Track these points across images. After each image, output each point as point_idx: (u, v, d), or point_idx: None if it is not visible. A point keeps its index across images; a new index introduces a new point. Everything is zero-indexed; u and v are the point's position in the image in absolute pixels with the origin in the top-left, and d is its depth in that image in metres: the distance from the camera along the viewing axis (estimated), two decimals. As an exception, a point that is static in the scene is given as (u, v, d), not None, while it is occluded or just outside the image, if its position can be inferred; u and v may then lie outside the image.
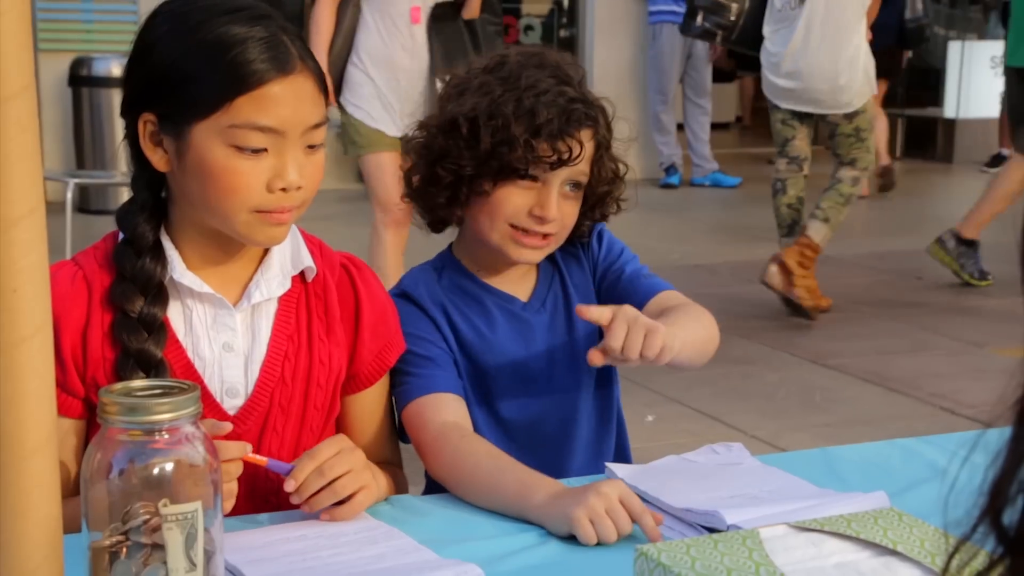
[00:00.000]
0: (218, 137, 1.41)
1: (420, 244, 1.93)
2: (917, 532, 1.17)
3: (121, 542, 1.06)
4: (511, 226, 1.65)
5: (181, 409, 1.06)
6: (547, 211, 1.63)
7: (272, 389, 1.52)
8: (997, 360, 4.69)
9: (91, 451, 1.07)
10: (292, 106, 1.42)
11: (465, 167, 1.64)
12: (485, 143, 1.62)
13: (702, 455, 1.65)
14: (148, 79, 1.44)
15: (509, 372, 1.72)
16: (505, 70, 1.66)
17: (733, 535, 1.14)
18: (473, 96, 1.65)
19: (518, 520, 1.44)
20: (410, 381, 1.64)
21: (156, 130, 1.44)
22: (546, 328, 1.74)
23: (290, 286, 1.54)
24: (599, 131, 1.67)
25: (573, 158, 1.62)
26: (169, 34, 1.43)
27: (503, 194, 1.64)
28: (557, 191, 1.64)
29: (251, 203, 1.43)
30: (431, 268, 1.77)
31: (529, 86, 1.62)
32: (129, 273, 1.46)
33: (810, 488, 1.51)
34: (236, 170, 1.41)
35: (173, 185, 1.49)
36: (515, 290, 1.76)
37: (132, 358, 1.43)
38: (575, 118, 1.62)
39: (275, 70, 1.41)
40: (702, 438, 1.82)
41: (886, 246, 6.87)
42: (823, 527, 1.17)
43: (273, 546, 1.33)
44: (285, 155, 1.43)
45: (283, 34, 1.43)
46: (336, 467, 1.39)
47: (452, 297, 1.73)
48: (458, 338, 1.71)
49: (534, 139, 1.60)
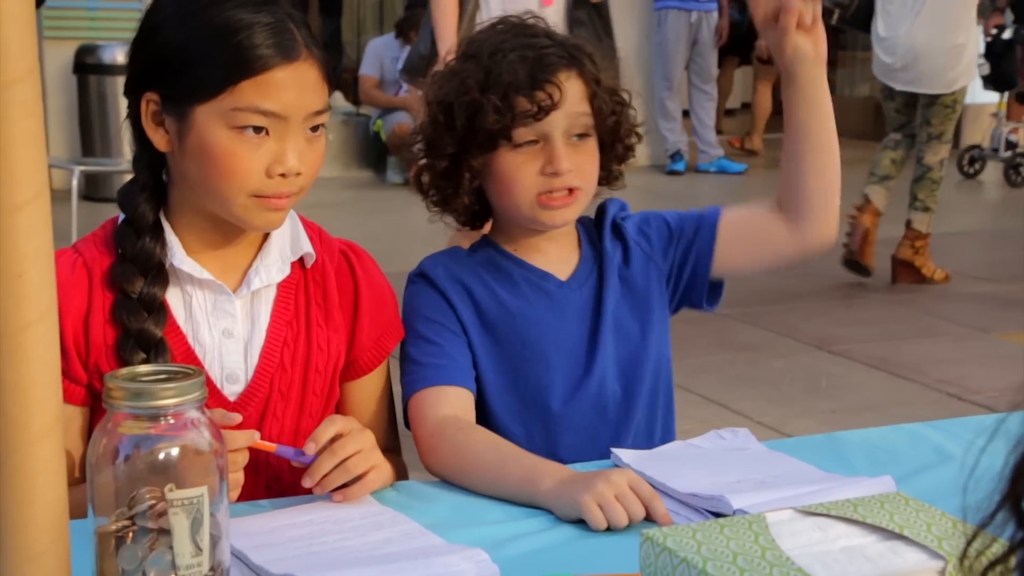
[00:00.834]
0: (220, 119, 1.41)
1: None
2: (924, 517, 1.17)
3: (127, 527, 1.06)
4: (536, 195, 1.63)
5: (186, 394, 1.06)
6: (558, 163, 1.61)
7: (272, 375, 1.52)
8: (1003, 346, 4.69)
9: (97, 436, 1.07)
10: (295, 92, 1.43)
11: (448, 148, 1.63)
12: (460, 119, 1.62)
13: (708, 440, 1.65)
14: (153, 59, 1.45)
15: (533, 346, 1.68)
16: (473, 47, 1.66)
17: (739, 519, 1.14)
18: (447, 82, 1.65)
19: (525, 505, 1.44)
20: (415, 371, 1.63)
21: (158, 110, 1.45)
22: (579, 309, 1.71)
23: (289, 272, 1.54)
24: (584, 69, 1.65)
25: (556, 102, 1.61)
26: (175, 16, 1.44)
27: (508, 165, 1.63)
28: (561, 142, 1.62)
29: (250, 187, 1.43)
30: (463, 251, 1.75)
31: (493, 51, 1.63)
32: (130, 253, 1.46)
33: (816, 473, 1.51)
34: (235, 153, 1.42)
35: (173, 166, 1.49)
36: (555, 269, 1.72)
37: (132, 338, 1.44)
38: (547, 64, 1.61)
39: (280, 56, 1.41)
40: (708, 424, 1.82)
41: (890, 232, 6.86)
42: (829, 512, 1.17)
43: (279, 531, 1.33)
44: (286, 141, 1.43)
45: (289, 20, 1.44)
46: (348, 446, 1.39)
47: (479, 270, 1.70)
48: (480, 315, 1.68)
49: (507, 99, 1.59)
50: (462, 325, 1.67)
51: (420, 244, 6.18)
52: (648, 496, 1.37)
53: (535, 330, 1.69)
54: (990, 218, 7.52)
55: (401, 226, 6.92)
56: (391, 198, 7.86)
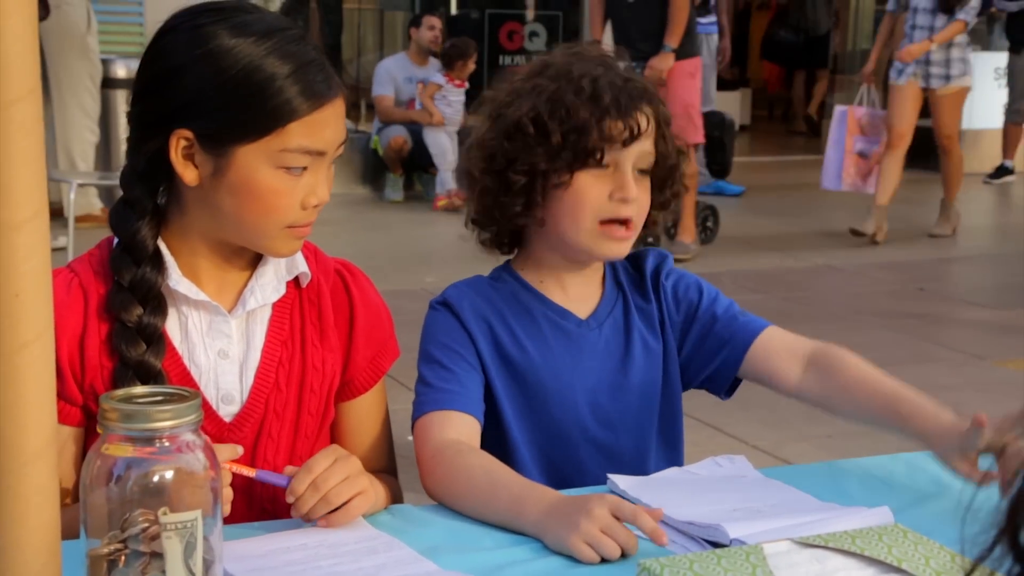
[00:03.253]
0: (266, 159, 1.42)
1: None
2: (922, 550, 1.16)
3: (120, 550, 1.05)
4: (598, 222, 1.64)
5: (182, 417, 1.05)
6: (627, 191, 1.62)
7: (267, 395, 1.52)
8: (999, 372, 4.68)
9: (91, 458, 1.06)
10: (335, 127, 1.45)
11: (539, 163, 1.63)
12: (555, 135, 1.62)
13: (705, 467, 1.64)
14: (183, 99, 1.42)
15: (550, 387, 1.70)
16: (552, 69, 1.67)
17: (737, 550, 1.13)
18: (528, 98, 1.65)
19: (515, 532, 1.43)
20: (426, 393, 1.63)
21: (190, 146, 1.43)
22: (599, 349, 1.72)
23: (284, 292, 1.54)
24: (657, 106, 1.67)
25: (643, 131, 1.63)
26: (204, 58, 1.41)
27: (582, 184, 1.63)
28: (631, 172, 1.64)
29: (288, 220, 1.45)
30: (486, 280, 1.75)
31: (582, 75, 1.64)
32: (127, 282, 1.45)
33: (813, 502, 1.50)
34: (279, 191, 1.43)
35: (190, 196, 1.47)
36: (575, 307, 1.73)
37: (131, 369, 1.43)
38: (635, 94, 1.64)
39: (326, 95, 1.43)
40: (704, 448, 1.81)
41: (889, 256, 6.87)
42: (827, 543, 1.17)
43: (273, 555, 1.32)
44: (319, 173, 1.46)
45: (320, 55, 1.45)
46: (330, 479, 1.38)
47: (501, 306, 1.71)
48: (500, 351, 1.69)
49: (604, 120, 1.61)
50: (480, 360, 1.68)
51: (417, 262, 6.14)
52: (631, 515, 1.35)
53: (551, 369, 1.70)
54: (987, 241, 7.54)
55: (399, 244, 6.92)
56: (389, 215, 7.86)
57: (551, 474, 1.68)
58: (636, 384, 1.72)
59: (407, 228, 7.39)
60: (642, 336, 1.74)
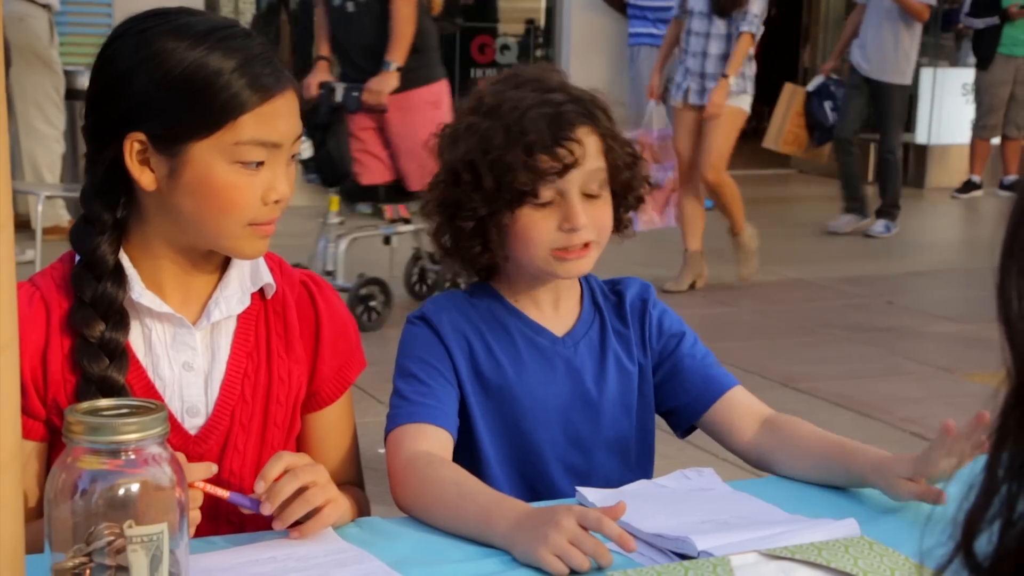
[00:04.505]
0: (220, 154, 1.42)
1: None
2: (887, 561, 1.17)
3: (84, 564, 1.04)
4: (551, 250, 1.64)
5: (148, 429, 1.05)
6: (575, 220, 1.61)
7: (232, 407, 1.51)
8: (965, 386, 4.72)
9: (56, 471, 1.06)
10: (288, 120, 1.46)
11: (479, 209, 1.63)
12: (487, 179, 1.61)
13: (674, 480, 1.65)
14: (132, 103, 1.42)
15: (524, 403, 1.70)
16: (486, 104, 1.65)
17: (704, 562, 1.14)
18: (465, 140, 1.64)
19: (484, 544, 1.43)
20: (401, 406, 1.63)
21: (144, 149, 1.43)
22: (574, 367, 1.72)
23: (249, 303, 1.54)
24: (599, 123, 1.65)
25: (578, 160, 1.61)
26: (147, 61, 1.41)
27: (527, 221, 1.62)
28: (578, 198, 1.63)
29: (248, 216, 1.44)
30: (464, 295, 1.75)
31: (511, 109, 1.62)
32: (89, 298, 1.44)
33: (781, 514, 1.51)
34: (237, 185, 1.43)
35: (149, 203, 1.47)
36: (552, 324, 1.73)
37: (94, 384, 1.42)
38: (567, 120, 1.62)
39: (274, 87, 1.43)
40: (673, 461, 1.82)
41: (857, 270, 6.91)
42: (794, 555, 1.17)
43: (241, 568, 1.31)
44: (277, 168, 1.46)
45: (267, 50, 1.45)
46: (306, 473, 1.37)
47: (480, 323, 1.71)
48: (476, 367, 1.69)
49: (533, 156, 1.59)
50: (457, 376, 1.68)
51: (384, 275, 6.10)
52: (596, 523, 1.35)
53: (525, 386, 1.70)
54: (957, 256, 7.59)
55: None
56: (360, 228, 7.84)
57: (523, 490, 1.68)
58: (609, 405, 1.73)
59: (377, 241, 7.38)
60: (617, 358, 1.74)
